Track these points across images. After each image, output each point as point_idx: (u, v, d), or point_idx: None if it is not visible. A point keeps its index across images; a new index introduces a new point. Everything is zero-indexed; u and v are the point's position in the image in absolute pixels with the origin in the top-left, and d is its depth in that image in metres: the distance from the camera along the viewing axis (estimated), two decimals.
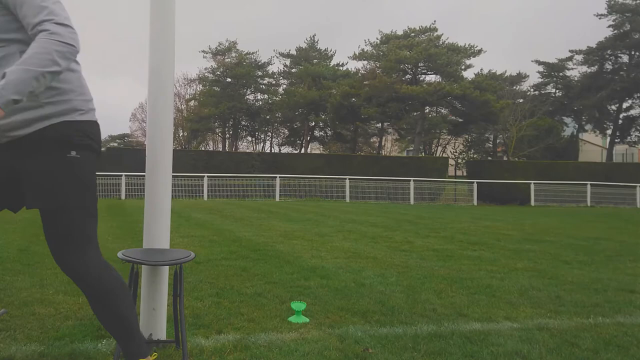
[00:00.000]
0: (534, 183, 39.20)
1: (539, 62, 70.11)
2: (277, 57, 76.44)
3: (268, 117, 73.25)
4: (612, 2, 63.82)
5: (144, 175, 4.73)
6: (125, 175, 33.92)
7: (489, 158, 64.46)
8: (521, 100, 64.95)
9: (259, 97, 75.37)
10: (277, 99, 72.57)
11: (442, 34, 66.33)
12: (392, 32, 68.05)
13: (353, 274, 8.43)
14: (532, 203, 38.22)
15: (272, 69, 76.29)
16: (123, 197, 34.11)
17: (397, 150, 73.74)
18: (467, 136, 67.22)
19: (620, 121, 66.69)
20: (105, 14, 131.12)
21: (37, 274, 7.66)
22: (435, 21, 78.02)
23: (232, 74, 71.01)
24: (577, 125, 70.23)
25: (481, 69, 68.60)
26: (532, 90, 70.89)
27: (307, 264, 9.18)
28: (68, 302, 6.14)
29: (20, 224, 14.76)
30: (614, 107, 66.73)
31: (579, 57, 67.50)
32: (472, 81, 63.07)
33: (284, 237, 13.06)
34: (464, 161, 63.13)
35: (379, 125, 69.56)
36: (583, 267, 9.66)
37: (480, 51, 65.90)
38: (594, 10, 74.55)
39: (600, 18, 65.52)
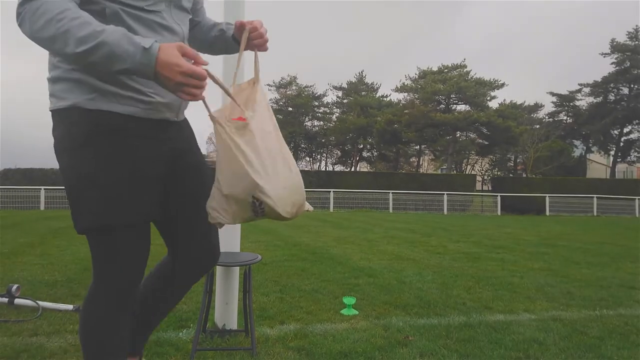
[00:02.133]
0: (549, 196, 38.66)
1: (553, 94, 69.48)
2: (331, 90, 77.01)
3: (323, 140, 73.18)
4: (615, 43, 63.24)
5: None
6: None
7: (511, 175, 63.81)
8: (537, 126, 64.49)
9: (315, 124, 75.44)
10: (331, 125, 72.47)
11: (471, 70, 66.09)
12: (428, 68, 67.87)
13: (395, 273, 8.39)
14: (547, 213, 37.71)
15: (326, 99, 76.17)
16: None
17: (432, 168, 73.27)
18: (492, 156, 66.67)
19: (621, 144, 65.77)
20: None
21: None
22: (465, 59, 78.05)
23: (292, 103, 71.10)
24: (585, 147, 69.34)
25: (504, 100, 67.99)
26: (546, 117, 70.20)
27: (356, 265, 9.16)
28: None
29: None
30: (616, 132, 65.85)
31: (587, 90, 66.74)
32: (496, 110, 62.75)
33: (337, 242, 13.03)
34: (489, 177, 62.72)
35: (417, 147, 69.31)
36: (590, 267, 9.51)
37: (503, 84, 65.59)
38: (599, 49, 73.38)
39: (604, 56, 64.91)
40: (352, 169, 70.60)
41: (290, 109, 71.62)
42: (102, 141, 2.25)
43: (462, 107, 65.31)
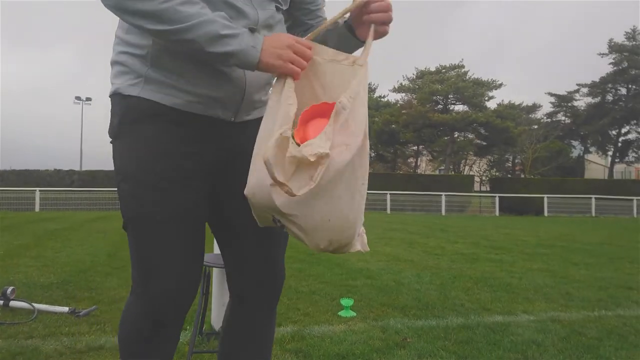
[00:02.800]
0: (547, 196, 38.68)
1: (551, 94, 69.50)
2: None
3: None
4: (613, 43, 63.39)
5: None
6: None
7: (509, 175, 63.87)
8: (536, 127, 64.69)
9: None
10: None
11: (469, 70, 66.19)
12: (426, 68, 67.89)
13: (393, 274, 8.39)
14: (546, 214, 37.71)
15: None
16: None
17: (430, 169, 73.29)
18: (490, 157, 66.77)
19: (619, 144, 65.97)
20: None
21: (124, 276, 7.73)
22: (462, 59, 78.20)
23: None
24: (583, 148, 69.44)
25: (502, 100, 68.10)
26: (545, 118, 70.34)
27: (354, 266, 9.15)
28: None
29: (108, 232, 14.96)
30: (614, 132, 66.02)
31: (585, 90, 66.84)
32: (494, 110, 62.89)
33: None
34: (487, 178, 62.77)
35: (415, 147, 69.38)
36: (589, 268, 9.53)
37: (501, 85, 65.72)
38: (597, 50, 73.76)
39: (602, 57, 65.02)
40: None
41: None
42: (138, 131, 2.06)
43: (460, 108, 65.50)
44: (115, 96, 2.09)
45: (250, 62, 1.88)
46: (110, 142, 2.15)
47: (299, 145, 1.72)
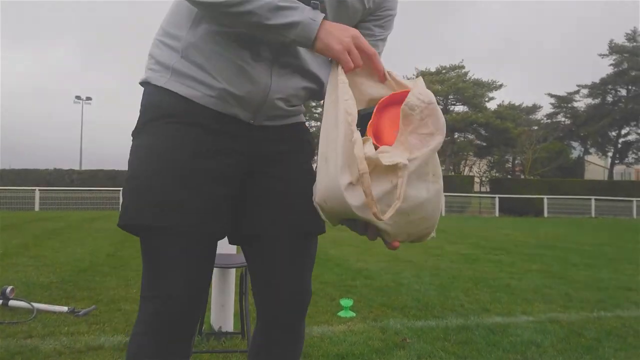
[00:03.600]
0: (547, 197, 38.74)
1: (551, 95, 69.36)
2: None
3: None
4: (613, 44, 63.35)
5: None
6: None
7: (509, 176, 63.75)
8: (536, 128, 64.58)
9: (313, 124, 75.51)
10: None
11: (469, 71, 66.14)
12: (426, 69, 67.67)
13: (393, 275, 8.40)
14: (545, 214, 37.74)
15: (323, 102, 76.35)
16: None
17: None
18: (490, 158, 66.70)
19: (619, 145, 65.90)
20: None
21: (123, 276, 7.76)
22: (462, 60, 78.13)
23: None
24: (583, 149, 69.40)
25: (502, 101, 68.13)
26: (545, 118, 70.19)
27: (353, 267, 9.16)
28: None
29: (108, 232, 14.98)
30: (614, 133, 65.94)
31: (585, 91, 66.71)
32: (494, 111, 62.89)
33: (334, 244, 12.99)
34: (487, 179, 62.72)
35: None
36: (588, 269, 9.54)
37: (501, 86, 65.71)
38: (597, 50, 73.84)
39: (602, 57, 64.87)
40: None
41: None
42: (157, 127, 1.95)
43: (460, 108, 65.48)
44: (144, 85, 2.04)
45: (308, 36, 1.76)
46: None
47: (376, 146, 1.64)
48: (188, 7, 1.93)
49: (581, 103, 68.15)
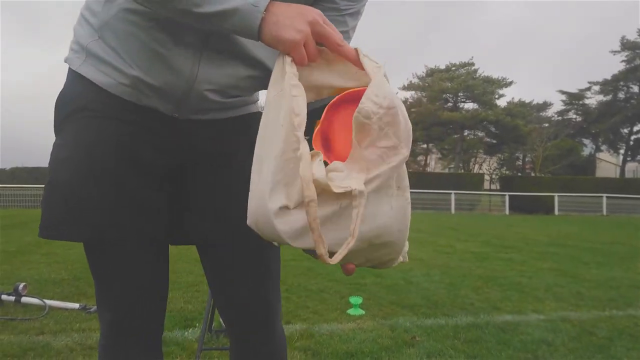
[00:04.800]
0: (558, 195, 38.61)
1: (562, 92, 69.19)
2: None
3: None
4: (625, 41, 63.13)
5: None
6: None
7: (519, 174, 63.65)
8: (546, 125, 64.49)
9: None
10: None
11: (479, 68, 66.15)
12: (435, 66, 67.78)
13: (402, 273, 8.37)
14: (556, 212, 37.63)
15: None
16: None
17: (440, 167, 73.16)
18: (500, 155, 66.60)
19: (631, 142, 65.71)
20: None
21: None
22: (472, 57, 77.90)
23: None
24: (594, 146, 69.22)
25: (512, 98, 68.02)
26: (555, 116, 70.05)
27: None
28: None
29: None
30: (626, 130, 65.75)
31: (596, 88, 66.52)
32: (504, 108, 62.83)
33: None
34: (497, 176, 62.63)
35: (425, 146, 69.22)
36: (600, 267, 9.49)
37: (511, 83, 65.71)
38: (609, 47, 73.66)
39: (614, 54, 64.73)
40: None
41: None
42: (72, 122, 1.70)
43: (470, 106, 65.51)
44: (69, 71, 1.76)
45: (249, 25, 1.40)
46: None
47: (326, 162, 1.31)
48: None
49: (592, 100, 68.03)
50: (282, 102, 1.35)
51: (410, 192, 1.38)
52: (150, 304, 1.82)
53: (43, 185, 1.70)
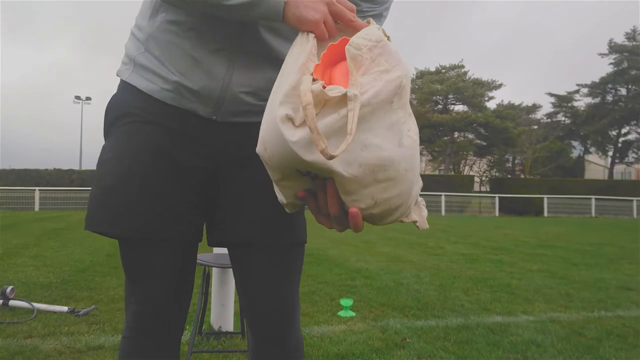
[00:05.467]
0: (547, 197, 38.71)
1: (551, 95, 69.39)
2: None
3: None
4: (613, 44, 63.43)
5: None
6: None
7: (509, 176, 63.74)
8: (536, 127, 64.53)
9: None
10: None
11: (469, 70, 66.22)
12: (425, 68, 67.76)
13: (393, 275, 8.40)
14: (545, 214, 37.74)
15: None
16: None
17: (430, 169, 73.29)
18: (490, 157, 66.72)
19: (619, 144, 66.00)
20: None
21: (123, 276, 7.71)
22: (462, 59, 78.20)
23: None
24: (583, 148, 69.45)
25: (502, 100, 68.35)
26: (545, 118, 70.18)
27: (353, 267, 9.16)
28: None
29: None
30: (614, 133, 66.01)
31: (585, 90, 66.76)
32: (494, 111, 62.82)
33: (334, 243, 12.99)
34: (487, 178, 62.82)
35: None
36: (589, 269, 9.53)
37: (501, 85, 65.62)
38: (597, 50, 74.02)
39: (602, 57, 65.09)
40: None
41: None
42: (117, 127, 1.85)
43: (459, 108, 65.47)
44: (120, 82, 1.92)
45: (274, 12, 1.55)
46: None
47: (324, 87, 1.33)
48: None
49: (581, 102, 68.30)
50: (300, 58, 1.45)
51: None
52: (173, 302, 1.93)
53: (30, 188, 1.78)
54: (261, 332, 2.02)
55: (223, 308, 4.87)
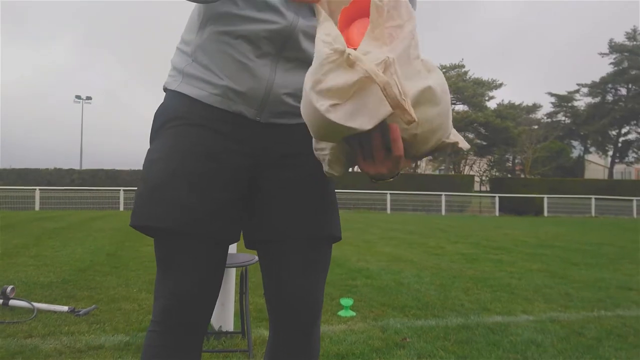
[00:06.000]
0: (547, 197, 38.69)
1: (551, 94, 69.44)
2: None
3: None
4: (613, 43, 63.41)
5: None
6: None
7: (509, 175, 63.75)
8: (536, 127, 64.53)
9: None
10: None
11: (469, 70, 66.16)
12: None
13: (393, 274, 8.39)
14: (545, 214, 37.72)
15: None
16: None
17: (430, 169, 73.24)
18: (490, 157, 66.70)
19: (619, 144, 65.94)
20: None
21: (123, 275, 7.76)
22: (462, 59, 78.15)
23: None
24: (583, 148, 69.43)
25: (502, 100, 68.25)
26: (545, 118, 70.20)
27: (354, 266, 9.16)
28: (149, 299, 6.17)
29: (108, 232, 15.01)
30: (614, 132, 65.98)
31: (585, 90, 66.77)
32: (494, 110, 62.84)
33: (335, 243, 12.93)
34: (487, 178, 62.79)
35: None
36: (588, 268, 9.53)
37: (501, 85, 65.70)
38: (597, 49, 73.92)
39: (603, 57, 65.15)
40: (351, 170, 70.70)
41: None
42: (165, 130, 1.95)
43: (460, 108, 65.36)
44: (165, 92, 2.06)
45: None
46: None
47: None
48: (198, 12, 1.94)
49: (581, 102, 68.32)
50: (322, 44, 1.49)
51: (401, 194, 1.46)
52: (201, 300, 1.97)
53: (31, 187, 1.80)
54: (294, 322, 2.12)
55: (223, 308, 4.87)
